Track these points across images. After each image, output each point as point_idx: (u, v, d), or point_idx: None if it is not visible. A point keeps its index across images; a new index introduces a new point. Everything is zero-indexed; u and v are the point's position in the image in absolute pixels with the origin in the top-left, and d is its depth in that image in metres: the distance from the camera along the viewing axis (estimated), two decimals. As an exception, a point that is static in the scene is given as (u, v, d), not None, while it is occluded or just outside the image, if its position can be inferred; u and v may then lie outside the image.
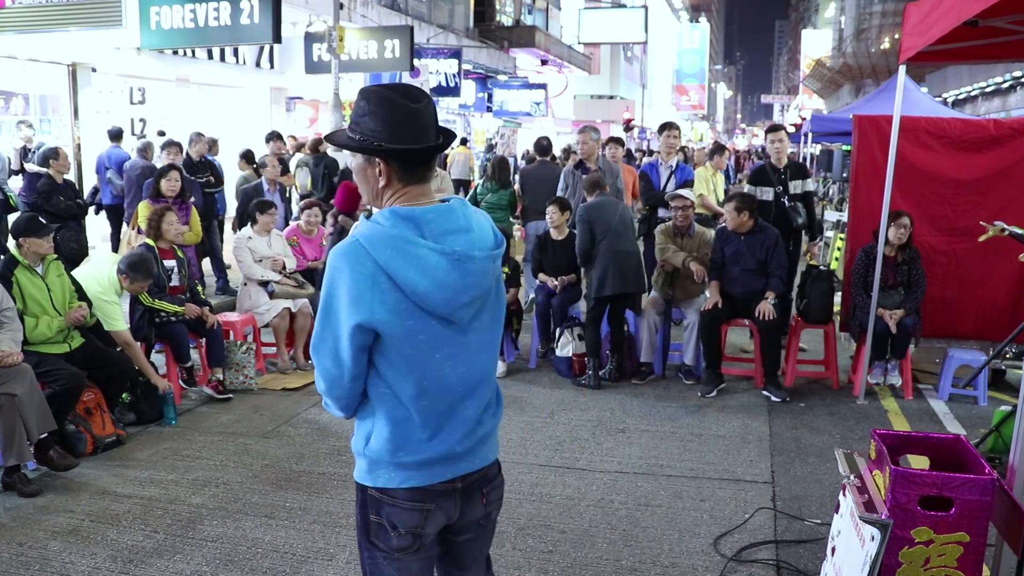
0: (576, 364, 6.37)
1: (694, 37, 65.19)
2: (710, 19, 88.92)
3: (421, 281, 1.84)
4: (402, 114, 1.91)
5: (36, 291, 4.78)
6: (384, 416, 1.96)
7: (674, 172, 7.40)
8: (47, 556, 3.62)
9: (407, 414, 1.94)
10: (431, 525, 2.02)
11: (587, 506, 4.15)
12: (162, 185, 6.89)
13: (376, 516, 2.01)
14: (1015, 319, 5.93)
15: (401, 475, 1.97)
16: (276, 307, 6.47)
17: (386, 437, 1.95)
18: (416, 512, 1.99)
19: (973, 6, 3.64)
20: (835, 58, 42.33)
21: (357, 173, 2.01)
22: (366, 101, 1.93)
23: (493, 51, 25.48)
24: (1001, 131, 6.05)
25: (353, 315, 1.85)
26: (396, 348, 1.89)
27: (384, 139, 1.90)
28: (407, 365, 1.91)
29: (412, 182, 1.95)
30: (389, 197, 1.97)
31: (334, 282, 1.87)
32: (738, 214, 5.95)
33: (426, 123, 1.94)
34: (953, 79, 28.74)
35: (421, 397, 1.93)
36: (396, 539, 2.00)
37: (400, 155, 1.92)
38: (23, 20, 10.20)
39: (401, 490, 1.97)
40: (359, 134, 1.93)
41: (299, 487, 4.37)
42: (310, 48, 15.76)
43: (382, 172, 1.94)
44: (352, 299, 1.84)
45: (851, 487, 2.91)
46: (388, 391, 1.94)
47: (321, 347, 1.94)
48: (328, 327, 1.91)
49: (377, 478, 1.99)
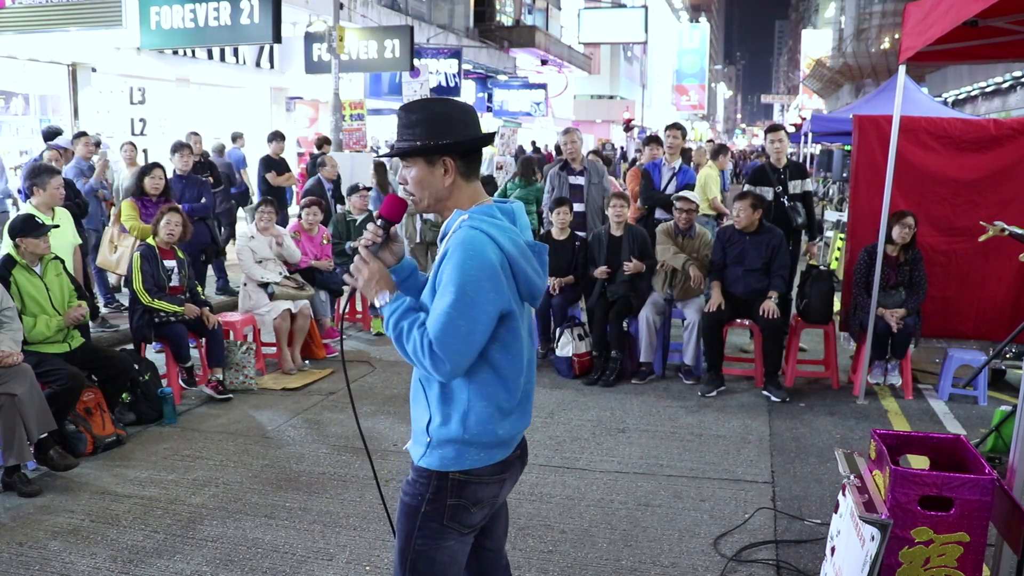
0: (576, 364, 6.37)
1: (694, 37, 65.18)
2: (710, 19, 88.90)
3: (526, 268, 2.04)
4: (461, 112, 2.08)
5: (35, 291, 4.78)
6: (482, 397, 2.05)
7: (676, 174, 7.39)
8: (47, 556, 3.62)
9: (506, 392, 2.07)
10: (503, 494, 2.19)
11: (587, 506, 4.15)
12: (146, 183, 6.70)
13: (457, 499, 2.08)
14: (1015, 319, 5.94)
15: (488, 453, 2.08)
16: (276, 309, 6.47)
17: (486, 417, 2.05)
18: (496, 484, 2.13)
19: (973, 6, 3.64)
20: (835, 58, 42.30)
21: (417, 181, 2.09)
22: (414, 113, 2.06)
23: (493, 51, 25.49)
24: (1001, 131, 6.05)
25: (497, 302, 1.97)
26: (510, 331, 2.03)
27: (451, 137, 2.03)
28: (517, 345, 2.05)
29: (472, 178, 2.10)
30: (458, 196, 2.08)
31: (469, 270, 1.94)
32: (753, 211, 6.01)
33: (476, 118, 2.12)
34: (953, 79, 28.73)
35: (519, 374, 2.09)
36: (476, 514, 2.12)
37: (466, 148, 2.06)
38: (23, 20, 10.20)
39: (487, 467, 2.08)
40: (419, 140, 2.03)
41: (299, 487, 4.37)
42: (310, 48, 15.77)
43: (448, 170, 2.06)
44: (495, 286, 1.95)
45: (851, 487, 2.91)
46: (491, 372, 2.04)
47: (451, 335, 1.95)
48: (463, 315, 1.94)
49: (464, 461, 2.07)
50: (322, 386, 6.21)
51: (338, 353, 7.11)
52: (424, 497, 2.09)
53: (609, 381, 6.19)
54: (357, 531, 3.86)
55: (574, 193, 7.23)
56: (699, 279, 6.20)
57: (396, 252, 2.20)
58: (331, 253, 7.56)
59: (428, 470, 2.09)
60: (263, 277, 6.58)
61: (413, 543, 2.10)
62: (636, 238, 6.42)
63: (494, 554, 2.35)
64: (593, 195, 7.20)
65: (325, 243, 7.50)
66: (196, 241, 6.27)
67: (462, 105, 2.11)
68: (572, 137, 7.40)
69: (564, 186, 7.28)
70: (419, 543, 2.10)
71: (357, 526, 3.91)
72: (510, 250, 1.99)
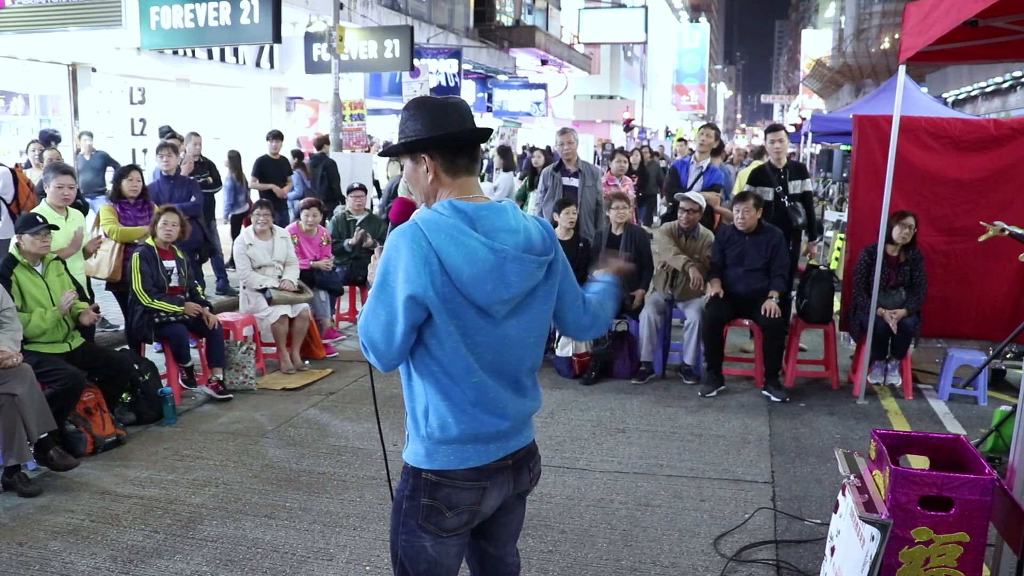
0: (576, 364, 6.38)
1: (694, 37, 65.18)
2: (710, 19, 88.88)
3: (467, 270, 1.95)
4: (438, 108, 2.05)
5: (36, 290, 4.78)
6: (437, 393, 2.04)
7: (703, 173, 7.35)
8: (47, 556, 3.62)
9: (458, 388, 2.04)
10: (486, 503, 2.12)
11: (587, 506, 4.15)
12: (124, 186, 6.53)
13: (431, 499, 2.07)
14: (1015, 319, 5.94)
15: (459, 455, 2.06)
16: (275, 314, 6.46)
17: (443, 411, 2.04)
18: (473, 491, 2.09)
19: (973, 6, 3.64)
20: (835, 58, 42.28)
21: (409, 179, 2.14)
22: (406, 111, 2.09)
23: (493, 51, 25.49)
24: (1001, 131, 6.05)
25: (407, 288, 1.95)
26: (444, 328, 1.99)
27: (424, 134, 2.03)
28: (453, 344, 2.01)
29: (459, 174, 2.07)
30: (441, 193, 2.07)
31: (391, 259, 1.98)
32: (756, 211, 6.03)
33: (462, 114, 2.07)
34: (953, 79, 28.72)
35: (469, 372, 2.03)
36: (452, 519, 2.08)
37: (441, 144, 2.04)
38: (23, 20, 10.21)
39: (460, 471, 2.06)
40: (404, 138, 2.07)
41: (299, 487, 4.37)
42: (310, 48, 15.77)
43: (428, 168, 2.06)
44: (407, 274, 1.94)
45: (851, 487, 2.91)
46: (439, 369, 2.03)
47: (372, 322, 2.00)
48: (382, 302, 1.99)
49: (435, 460, 2.06)
50: (322, 386, 6.21)
51: (338, 353, 7.12)
52: (403, 493, 2.11)
53: (590, 378, 6.22)
54: (357, 531, 3.86)
55: (568, 194, 7.20)
56: (698, 281, 6.20)
57: None
58: (330, 252, 7.56)
59: (408, 465, 2.12)
60: (261, 284, 6.57)
61: (399, 538, 2.12)
62: (634, 237, 6.42)
63: (498, 559, 2.34)
64: (587, 197, 7.16)
65: (324, 244, 7.50)
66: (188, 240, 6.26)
67: (447, 101, 2.08)
68: (569, 138, 7.36)
69: (558, 187, 7.25)
70: (403, 538, 2.11)
71: (357, 526, 3.91)
72: (440, 245, 1.93)
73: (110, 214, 6.36)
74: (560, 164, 7.35)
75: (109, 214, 6.37)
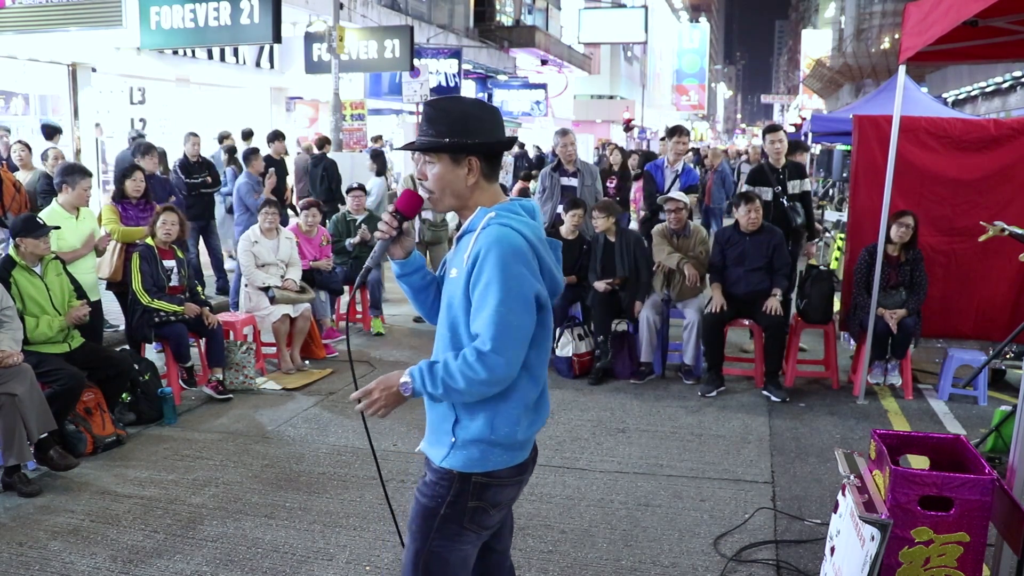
0: (576, 364, 6.38)
1: (694, 37, 65.12)
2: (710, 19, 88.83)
3: (551, 262, 2.05)
4: (490, 114, 2.08)
5: (35, 291, 4.78)
6: (516, 399, 2.04)
7: (679, 176, 7.36)
8: (47, 556, 3.62)
9: (536, 392, 2.07)
10: (518, 496, 2.20)
11: (587, 506, 4.15)
12: (127, 186, 6.51)
13: (478, 501, 2.07)
14: (1015, 319, 5.94)
15: (511, 455, 2.08)
16: (276, 313, 6.46)
17: (513, 417, 2.04)
18: (516, 486, 2.14)
19: (973, 6, 3.64)
20: (835, 58, 42.24)
21: (439, 178, 2.06)
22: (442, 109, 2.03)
23: (493, 51, 25.47)
24: (1001, 131, 6.05)
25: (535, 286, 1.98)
26: (542, 325, 2.03)
27: (476, 138, 2.03)
28: (545, 344, 2.06)
29: (493, 179, 2.10)
30: (479, 196, 2.08)
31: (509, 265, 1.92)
32: (757, 212, 6.04)
33: (502, 121, 2.14)
34: (953, 79, 28.70)
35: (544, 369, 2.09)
36: (495, 515, 2.12)
37: (488, 150, 2.05)
38: (23, 20, 10.20)
39: (507, 469, 2.08)
40: (446, 137, 2.01)
41: (299, 487, 4.37)
42: (310, 48, 15.77)
43: (472, 170, 2.05)
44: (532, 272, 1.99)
45: (851, 487, 2.90)
46: (525, 372, 2.03)
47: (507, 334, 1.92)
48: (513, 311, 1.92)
49: (488, 462, 2.06)
50: (322, 386, 6.21)
51: (338, 353, 7.11)
52: (444, 499, 2.07)
53: (598, 377, 6.24)
54: (357, 531, 3.86)
55: (566, 195, 7.21)
56: (694, 277, 6.21)
57: (406, 247, 2.20)
58: (330, 252, 7.55)
59: (450, 472, 2.06)
60: (264, 282, 6.57)
61: (430, 544, 2.08)
62: (629, 244, 6.42)
63: (501, 556, 2.35)
64: (586, 197, 7.19)
65: (324, 244, 7.49)
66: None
67: (490, 107, 2.13)
68: (568, 139, 7.37)
69: (556, 187, 7.26)
70: (436, 544, 2.08)
71: (357, 526, 3.91)
72: (536, 243, 2.02)
73: (112, 214, 6.36)
74: (559, 164, 7.38)
75: (111, 214, 6.37)
